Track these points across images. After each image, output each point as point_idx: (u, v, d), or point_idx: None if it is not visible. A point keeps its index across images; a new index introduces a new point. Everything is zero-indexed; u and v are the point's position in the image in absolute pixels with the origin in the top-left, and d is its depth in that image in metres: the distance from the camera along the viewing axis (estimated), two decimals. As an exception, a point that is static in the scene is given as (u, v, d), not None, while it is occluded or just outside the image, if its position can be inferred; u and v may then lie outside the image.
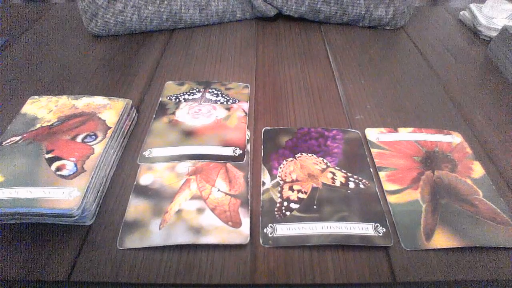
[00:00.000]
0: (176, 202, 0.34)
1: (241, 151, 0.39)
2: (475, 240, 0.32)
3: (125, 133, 0.41)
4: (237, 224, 0.32)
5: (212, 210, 0.33)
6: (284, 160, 0.39)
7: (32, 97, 0.42)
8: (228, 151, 0.39)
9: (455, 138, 0.42)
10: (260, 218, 0.33)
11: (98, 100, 0.42)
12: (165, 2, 0.58)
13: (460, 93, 0.51)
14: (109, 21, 0.57)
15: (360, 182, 0.36)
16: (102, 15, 0.57)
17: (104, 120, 0.39)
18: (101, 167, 0.35)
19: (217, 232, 0.32)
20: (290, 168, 0.38)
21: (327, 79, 0.53)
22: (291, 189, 0.36)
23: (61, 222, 0.31)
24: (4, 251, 0.30)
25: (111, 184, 0.36)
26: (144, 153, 0.39)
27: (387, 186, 0.36)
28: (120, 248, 0.31)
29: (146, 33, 0.62)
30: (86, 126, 0.38)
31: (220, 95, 0.48)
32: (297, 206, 0.34)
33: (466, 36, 0.66)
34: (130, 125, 0.42)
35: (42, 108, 0.41)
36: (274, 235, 0.32)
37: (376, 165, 0.39)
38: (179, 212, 0.33)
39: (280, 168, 0.38)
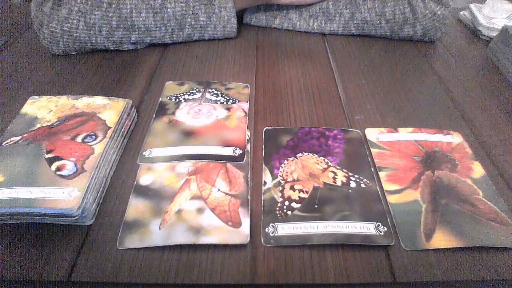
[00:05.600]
0: (176, 202, 0.34)
1: (241, 151, 0.39)
2: (475, 240, 0.32)
3: (125, 133, 0.41)
4: (237, 224, 0.32)
5: (212, 210, 0.33)
6: (285, 160, 0.39)
7: (32, 97, 0.42)
8: (228, 151, 0.39)
9: (455, 138, 0.42)
10: (262, 218, 0.33)
11: (98, 100, 0.42)
12: (113, 5, 0.51)
13: (460, 93, 0.51)
14: (54, 30, 0.52)
15: (362, 182, 0.36)
16: (47, 24, 0.52)
17: (104, 120, 0.39)
18: (101, 167, 0.35)
19: (217, 232, 0.32)
20: (291, 167, 0.38)
21: (327, 79, 0.53)
22: (292, 188, 0.36)
23: (61, 222, 0.31)
24: (4, 251, 0.30)
25: (111, 184, 0.36)
26: (144, 153, 0.39)
27: (387, 186, 0.36)
28: (120, 248, 0.31)
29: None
30: (86, 126, 0.38)
31: (220, 95, 0.47)
32: (298, 205, 0.34)
33: (466, 36, 0.66)
34: (130, 125, 0.42)
35: (42, 108, 0.40)
36: (276, 235, 0.32)
37: (376, 165, 0.39)
38: (179, 212, 0.33)
39: (281, 167, 0.38)
